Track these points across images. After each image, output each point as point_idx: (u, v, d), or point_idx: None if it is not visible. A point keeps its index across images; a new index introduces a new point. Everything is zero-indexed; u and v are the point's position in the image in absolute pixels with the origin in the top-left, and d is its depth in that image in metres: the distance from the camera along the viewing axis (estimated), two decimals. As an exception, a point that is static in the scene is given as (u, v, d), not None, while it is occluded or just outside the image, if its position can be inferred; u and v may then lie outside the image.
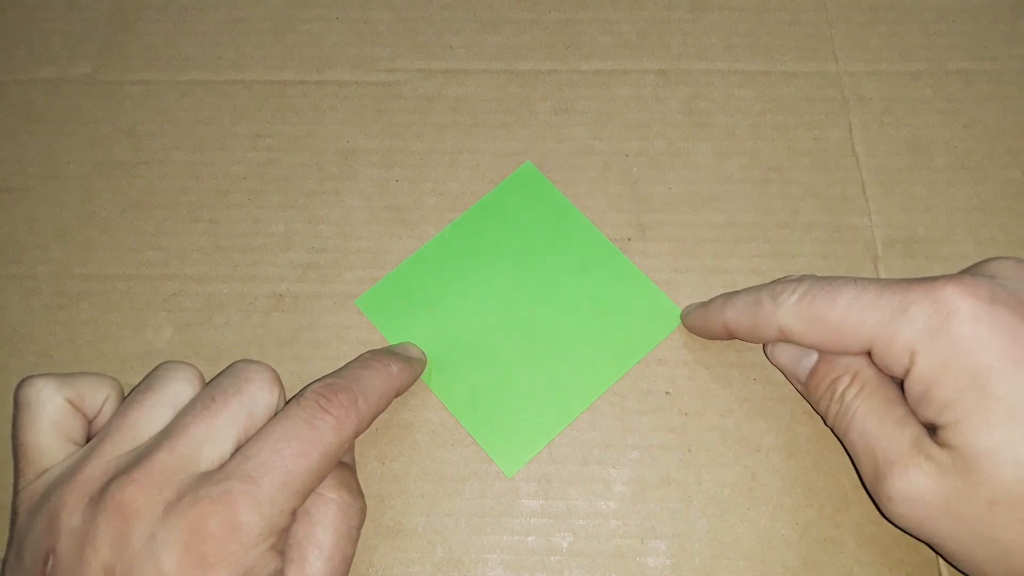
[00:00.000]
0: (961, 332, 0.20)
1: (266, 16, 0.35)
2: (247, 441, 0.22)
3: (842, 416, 0.24)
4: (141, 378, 0.25)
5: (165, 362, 0.25)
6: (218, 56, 0.34)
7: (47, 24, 0.35)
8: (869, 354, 0.23)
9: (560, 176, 0.32)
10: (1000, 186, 0.31)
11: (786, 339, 0.25)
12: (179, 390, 0.24)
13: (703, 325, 0.28)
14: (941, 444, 0.21)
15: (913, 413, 0.23)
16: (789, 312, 0.24)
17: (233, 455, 0.22)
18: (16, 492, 0.23)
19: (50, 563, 0.21)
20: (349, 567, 0.24)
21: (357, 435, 0.24)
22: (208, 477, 0.21)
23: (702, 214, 0.31)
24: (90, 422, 0.24)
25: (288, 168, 0.32)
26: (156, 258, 0.31)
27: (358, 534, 0.24)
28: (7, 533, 0.23)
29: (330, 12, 0.35)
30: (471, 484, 0.27)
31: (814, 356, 0.26)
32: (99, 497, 0.21)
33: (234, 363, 0.24)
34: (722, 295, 0.27)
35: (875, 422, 0.23)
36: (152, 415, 0.23)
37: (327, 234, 0.31)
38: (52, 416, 0.23)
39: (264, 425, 0.23)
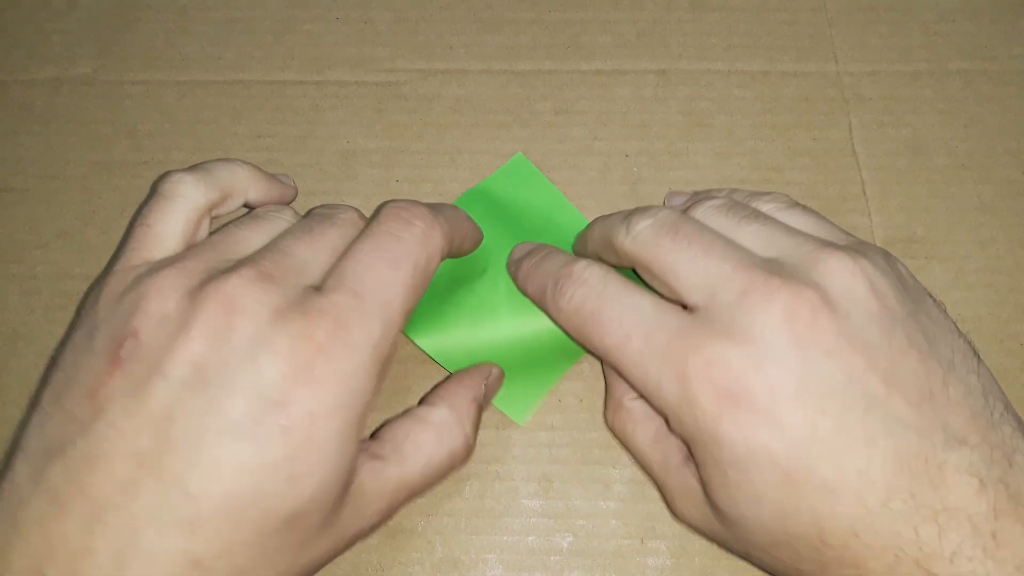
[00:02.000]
0: (703, 425, 0.20)
1: (266, 16, 0.35)
2: (339, 261, 0.22)
3: (623, 445, 0.27)
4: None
5: (264, 207, 0.25)
6: (218, 56, 0.34)
7: (47, 24, 0.35)
8: None
9: (560, 176, 0.32)
10: (1000, 186, 0.31)
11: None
12: (281, 225, 0.24)
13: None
14: (704, 489, 0.22)
15: (676, 449, 0.24)
16: (567, 321, 0.24)
17: (329, 273, 0.21)
18: (108, 270, 0.22)
19: (127, 347, 0.19)
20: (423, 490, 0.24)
21: (443, 254, 0.23)
22: (316, 290, 0.20)
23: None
24: None
25: (288, 168, 0.32)
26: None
27: (448, 468, 0.24)
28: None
29: (330, 12, 0.35)
30: (471, 484, 0.27)
31: None
32: (199, 289, 0.20)
33: (319, 206, 0.25)
34: (520, 253, 0.28)
35: (644, 464, 0.25)
36: (254, 236, 0.23)
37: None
38: (186, 212, 0.23)
39: (352, 244, 0.22)
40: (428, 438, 0.23)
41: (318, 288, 0.21)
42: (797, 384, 0.19)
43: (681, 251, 0.22)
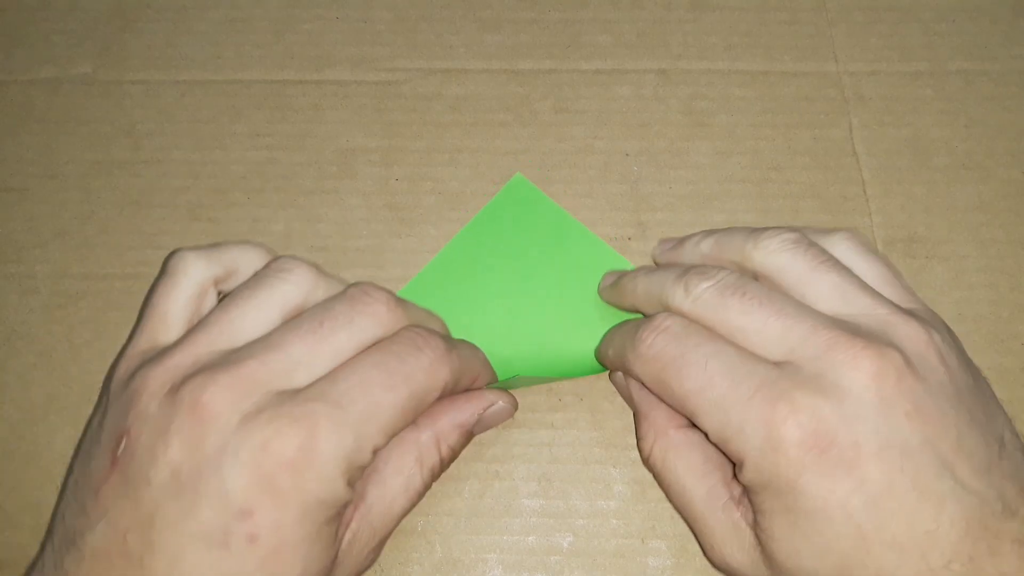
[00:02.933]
0: (784, 469, 0.20)
1: (266, 16, 0.35)
2: (338, 367, 0.21)
3: (658, 481, 0.25)
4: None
5: (280, 257, 0.24)
6: (218, 56, 0.34)
7: (47, 24, 0.35)
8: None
9: (560, 175, 0.32)
10: (1000, 186, 0.31)
11: None
12: (287, 293, 0.23)
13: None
14: (756, 534, 0.22)
15: (723, 483, 0.23)
16: (644, 369, 0.23)
17: (322, 378, 0.21)
18: (121, 353, 0.23)
19: (123, 446, 0.20)
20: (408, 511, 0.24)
21: (444, 391, 0.23)
22: (293, 395, 0.20)
23: (702, 213, 0.31)
24: None
25: (287, 167, 0.32)
26: (155, 257, 0.30)
27: (425, 490, 0.24)
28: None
29: (330, 12, 0.35)
30: (471, 484, 0.27)
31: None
32: (179, 388, 0.20)
33: (354, 285, 0.23)
34: (612, 328, 0.27)
35: (685, 499, 0.24)
36: (255, 316, 0.22)
37: (326, 233, 0.31)
38: (190, 290, 0.23)
39: (357, 356, 0.22)
40: (410, 466, 0.23)
41: (304, 388, 0.21)
42: (881, 441, 0.20)
43: (751, 312, 0.22)
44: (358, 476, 0.21)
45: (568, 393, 0.28)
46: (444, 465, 0.25)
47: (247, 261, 0.24)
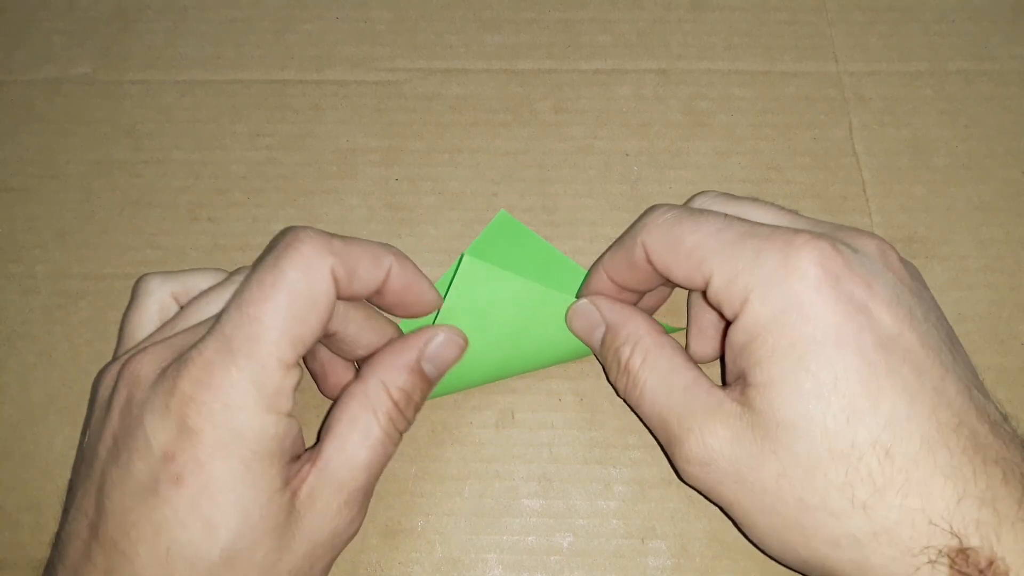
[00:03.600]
0: (798, 295, 0.20)
1: (266, 16, 0.35)
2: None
3: (631, 388, 0.24)
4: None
5: (241, 267, 0.26)
6: (218, 56, 0.34)
7: (47, 24, 0.35)
8: (706, 290, 0.22)
9: (560, 175, 0.32)
10: (1000, 186, 0.31)
11: (645, 265, 0.24)
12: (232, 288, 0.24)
13: (592, 284, 0.26)
14: (744, 404, 0.21)
15: (704, 375, 0.23)
16: (654, 230, 0.23)
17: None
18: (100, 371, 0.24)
19: (87, 436, 0.22)
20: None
21: (337, 277, 0.21)
22: (194, 344, 0.21)
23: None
24: None
25: (287, 167, 0.32)
26: (155, 257, 0.30)
27: (392, 441, 0.24)
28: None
29: (330, 12, 0.35)
30: (471, 484, 0.27)
31: (603, 327, 0.25)
32: (120, 371, 0.22)
33: (282, 231, 0.23)
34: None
35: (664, 392, 0.23)
36: (204, 308, 0.24)
37: (327, 233, 0.31)
38: (152, 306, 0.25)
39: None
40: (364, 416, 0.23)
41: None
42: (891, 294, 0.20)
43: (763, 208, 0.24)
44: (280, 402, 0.21)
45: (568, 393, 0.28)
46: (402, 409, 0.23)
47: (205, 279, 0.26)
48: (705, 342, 0.26)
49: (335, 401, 0.24)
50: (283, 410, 0.21)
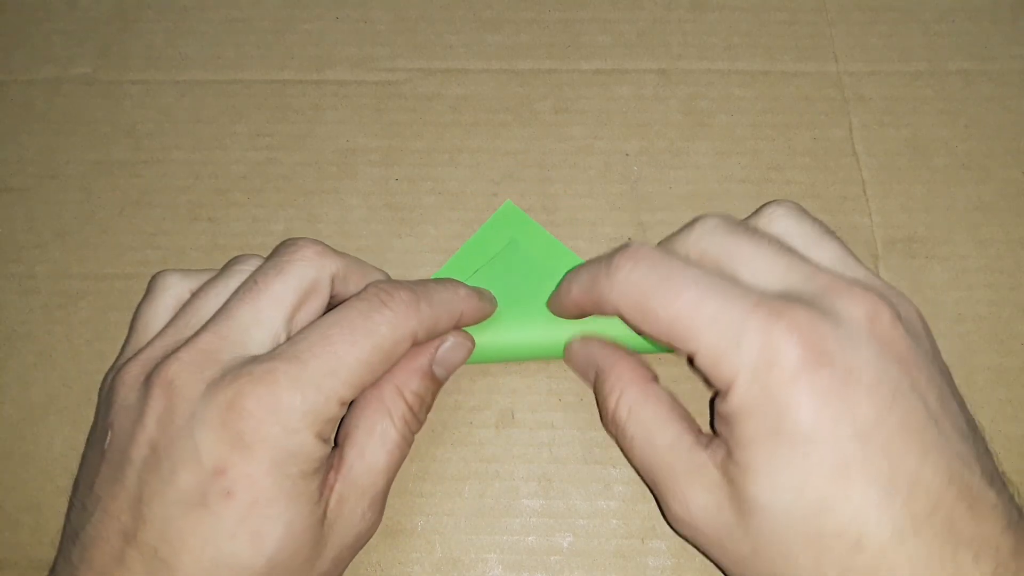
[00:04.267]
0: (777, 385, 0.20)
1: (266, 16, 0.35)
2: (302, 329, 0.22)
3: (620, 438, 0.24)
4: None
5: (241, 255, 0.25)
6: (218, 56, 0.34)
7: (47, 24, 0.35)
8: (691, 358, 0.22)
9: (560, 175, 0.32)
10: (1000, 186, 0.31)
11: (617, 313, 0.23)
12: (244, 275, 0.24)
13: (560, 308, 0.26)
14: (724, 473, 0.21)
15: (688, 430, 0.22)
16: (623, 296, 0.22)
17: (284, 342, 0.22)
18: (111, 367, 0.24)
19: (108, 439, 0.22)
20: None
21: (415, 338, 0.23)
22: (255, 358, 0.21)
23: (702, 213, 0.31)
24: None
25: (287, 167, 0.32)
26: (155, 257, 0.30)
27: (406, 443, 0.24)
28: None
29: (330, 12, 0.35)
30: (471, 484, 0.27)
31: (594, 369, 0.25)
32: (151, 376, 0.22)
33: (282, 241, 0.25)
34: (571, 270, 0.25)
35: (650, 448, 0.23)
36: (214, 302, 0.23)
37: (326, 233, 0.31)
38: (168, 302, 0.25)
39: (321, 317, 0.23)
40: (381, 421, 0.24)
41: (267, 352, 0.22)
42: (874, 374, 0.20)
43: (758, 247, 0.22)
44: (329, 430, 0.22)
45: (568, 393, 0.28)
46: (416, 412, 0.24)
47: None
48: None
49: (349, 406, 0.24)
50: (329, 436, 0.22)
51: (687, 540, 0.23)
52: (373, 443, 0.23)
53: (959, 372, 0.28)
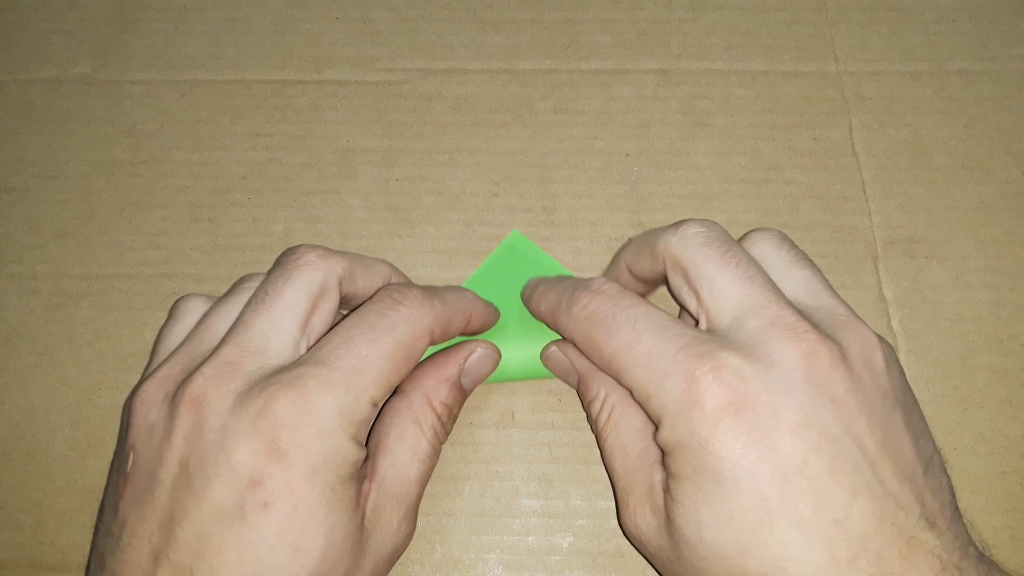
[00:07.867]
0: (698, 428, 0.20)
1: (266, 16, 0.35)
2: (323, 336, 0.22)
3: (600, 441, 0.25)
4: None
5: (247, 274, 0.25)
6: (218, 56, 0.34)
7: (47, 24, 0.35)
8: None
9: (560, 175, 0.32)
10: (1000, 186, 0.31)
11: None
12: (250, 294, 0.24)
13: (530, 311, 0.27)
14: (664, 501, 0.21)
15: (656, 445, 0.23)
16: (576, 328, 0.24)
17: (308, 350, 0.22)
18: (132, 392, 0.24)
19: (130, 461, 0.21)
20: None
21: (432, 334, 0.23)
22: (281, 367, 0.21)
23: (702, 213, 0.31)
24: None
25: (287, 167, 0.32)
26: (155, 257, 0.30)
27: (436, 452, 0.25)
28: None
29: (330, 12, 0.35)
30: (471, 484, 0.27)
31: (576, 373, 0.26)
32: (174, 394, 0.21)
33: (283, 251, 0.25)
34: (537, 280, 0.27)
35: (620, 456, 0.24)
36: (226, 319, 0.23)
37: (326, 233, 0.31)
38: (190, 323, 0.24)
39: (341, 321, 0.23)
40: (412, 430, 0.24)
41: (292, 360, 0.22)
42: (800, 418, 0.20)
43: (727, 268, 0.22)
44: (363, 433, 0.22)
45: (568, 393, 0.28)
46: (444, 422, 0.25)
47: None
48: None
49: (378, 417, 0.24)
50: (363, 440, 0.22)
51: (635, 548, 0.24)
52: (405, 453, 0.23)
53: (959, 372, 0.28)
